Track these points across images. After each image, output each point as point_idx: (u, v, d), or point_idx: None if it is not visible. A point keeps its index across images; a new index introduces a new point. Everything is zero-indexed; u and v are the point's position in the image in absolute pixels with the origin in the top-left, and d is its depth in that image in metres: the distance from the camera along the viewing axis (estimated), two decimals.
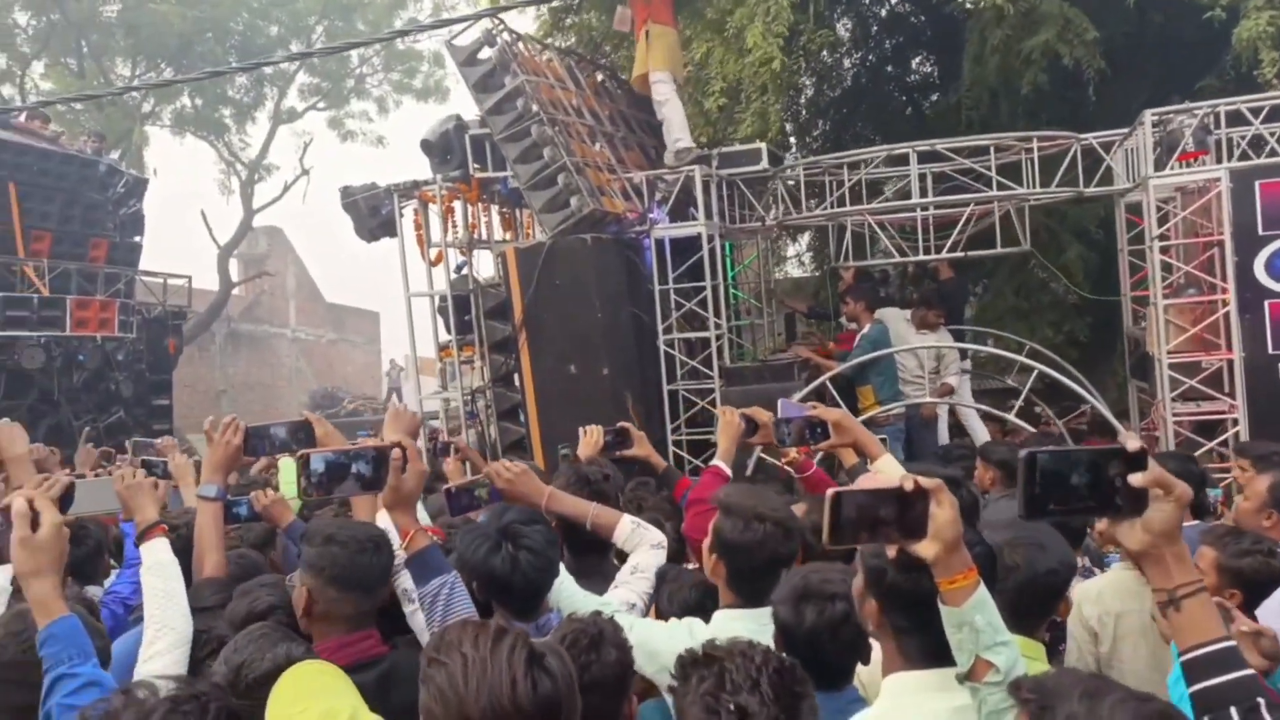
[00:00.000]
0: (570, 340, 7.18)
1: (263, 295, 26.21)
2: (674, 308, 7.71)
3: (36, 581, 2.05)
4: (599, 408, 7.01)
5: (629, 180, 7.96)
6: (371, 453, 2.47)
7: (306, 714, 1.77)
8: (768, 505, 2.56)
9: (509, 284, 7.22)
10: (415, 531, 2.43)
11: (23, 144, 12.58)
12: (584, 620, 2.17)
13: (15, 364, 11.64)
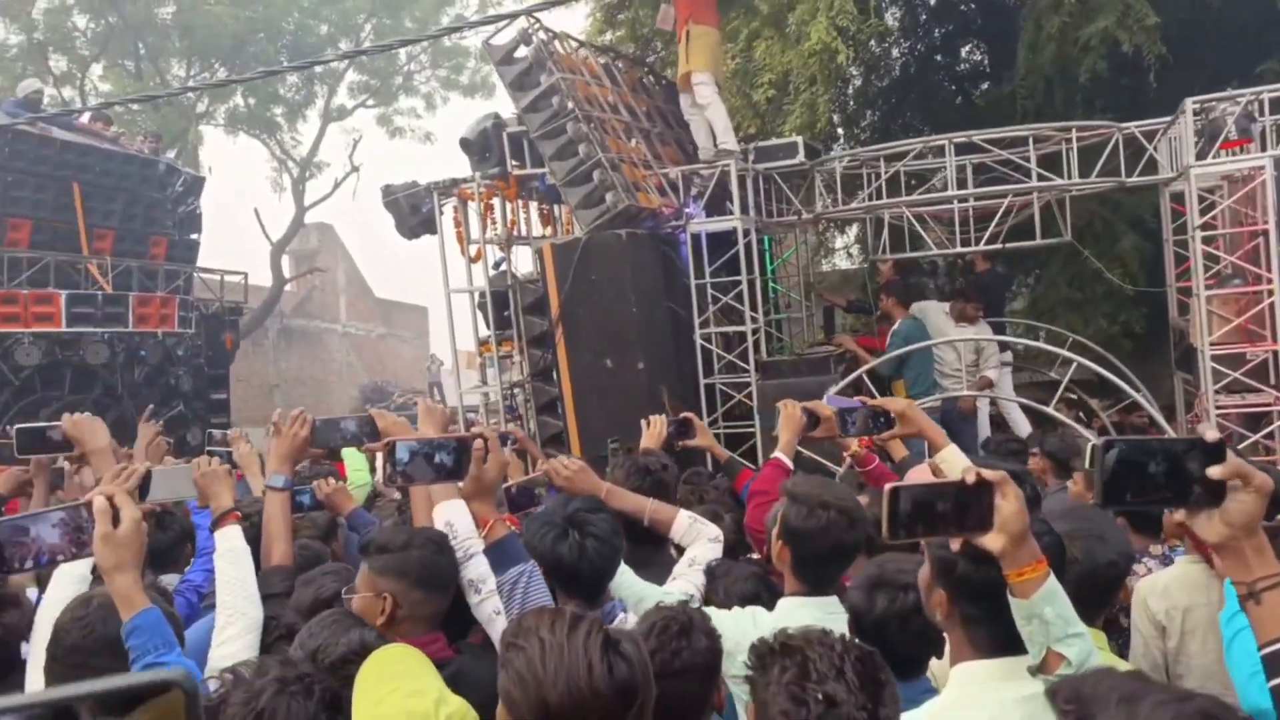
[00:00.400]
0: (606, 335, 7.26)
1: (314, 291, 26.70)
2: (710, 302, 7.75)
3: (119, 575, 2.12)
4: (635, 402, 7.10)
5: (665, 175, 8.02)
6: (453, 443, 2.53)
7: (395, 693, 1.82)
8: (833, 494, 2.59)
9: (546, 279, 7.32)
10: (494, 521, 2.48)
11: (86, 145, 12.91)
12: (672, 608, 2.19)
13: (81, 359, 11.99)
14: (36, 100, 13.21)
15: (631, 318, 7.24)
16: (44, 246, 12.25)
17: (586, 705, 1.48)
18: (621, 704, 1.51)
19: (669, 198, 7.91)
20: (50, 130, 12.31)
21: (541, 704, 1.48)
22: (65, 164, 12.44)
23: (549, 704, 1.48)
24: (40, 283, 11.92)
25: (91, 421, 3.19)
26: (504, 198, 7.83)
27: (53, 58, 20.25)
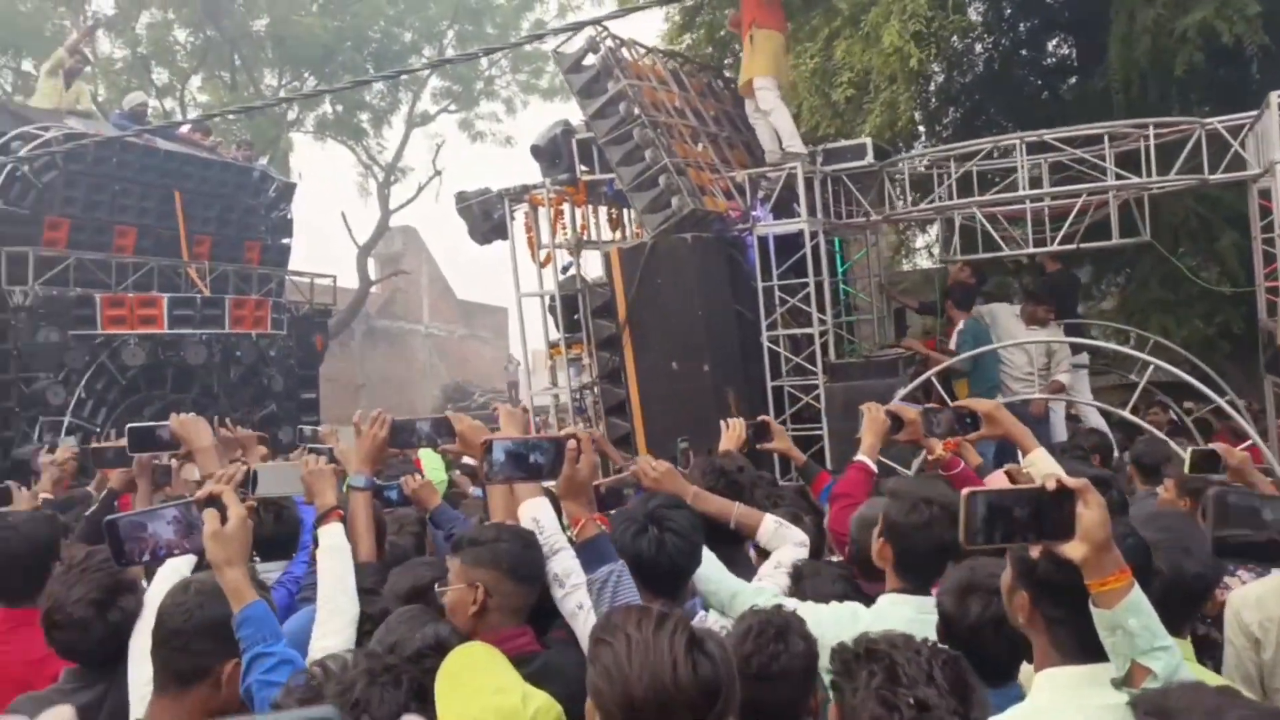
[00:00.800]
0: (672, 337, 7.35)
1: (398, 293, 27.37)
2: (778, 304, 7.78)
3: (229, 570, 2.20)
4: (701, 404, 7.20)
5: (732, 179, 8.07)
6: (547, 443, 2.57)
7: (481, 692, 1.88)
8: (936, 491, 2.61)
9: (613, 283, 7.45)
10: (586, 520, 2.49)
11: (186, 154, 13.45)
12: (768, 611, 2.21)
13: (181, 360, 12.50)
14: (141, 112, 13.89)
15: (697, 320, 7.32)
16: (148, 252, 12.81)
17: (671, 701, 1.51)
18: (705, 702, 1.53)
19: (736, 201, 7.96)
20: (154, 141, 12.87)
21: (627, 699, 1.52)
22: (168, 173, 12.96)
23: (634, 699, 1.51)
24: (144, 286, 12.47)
25: (196, 421, 3.34)
26: (573, 203, 7.99)
27: (155, 71, 21.24)
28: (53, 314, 11.01)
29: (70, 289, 11.39)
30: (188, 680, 2.16)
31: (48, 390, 11.06)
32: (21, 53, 20.25)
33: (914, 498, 2.56)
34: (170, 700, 2.15)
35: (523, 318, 8.11)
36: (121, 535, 2.28)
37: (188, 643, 2.14)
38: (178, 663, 2.17)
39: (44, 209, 11.41)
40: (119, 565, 2.39)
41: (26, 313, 10.84)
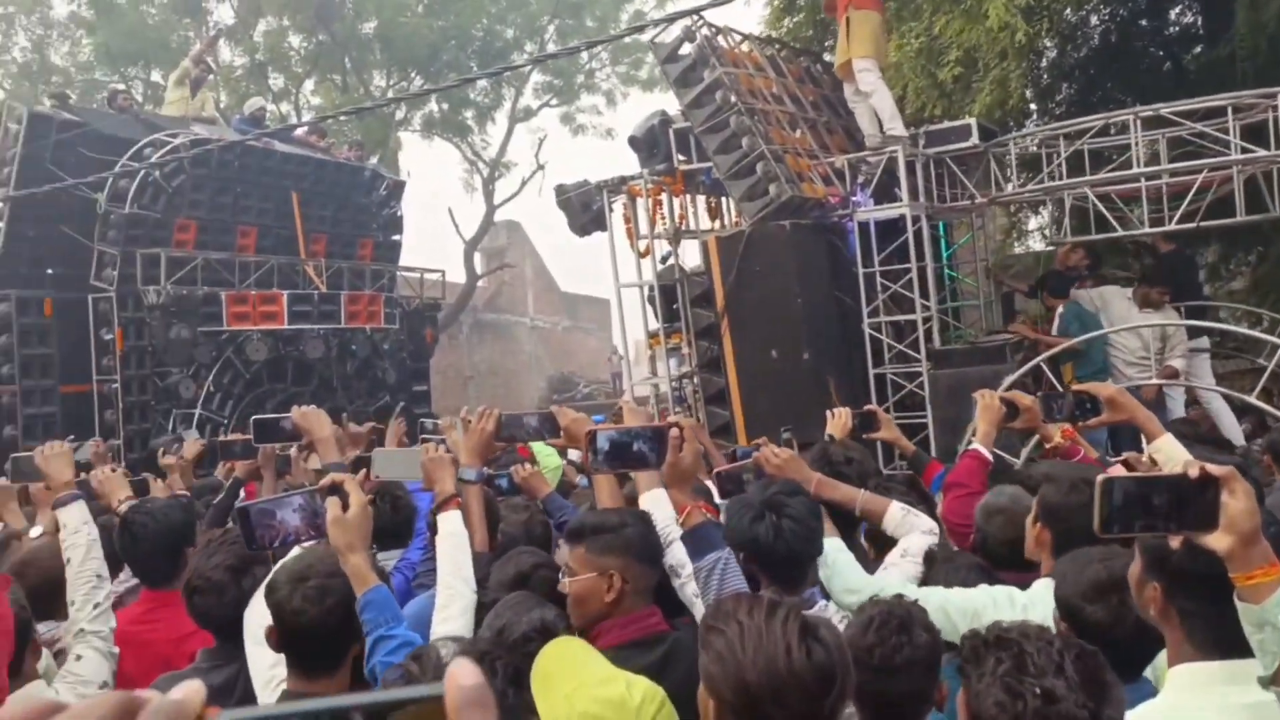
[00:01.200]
0: (771, 325, 7.34)
1: (504, 286, 27.89)
2: (880, 290, 7.68)
3: (352, 555, 2.26)
4: (801, 392, 7.18)
5: (831, 165, 7.99)
6: (650, 431, 2.60)
7: (584, 685, 1.87)
8: (1091, 472, 2.49)
9: (711, 272, 7.48)
10: (691, 508, 2.50)
11: (303, 156, 13.98)
12: (889, 602, 2.16)
13: (301, 354, 13.04)
14: (260, 117, 14.52)
15: (796, 308, 7.28)
16: (268, 251, 13.39)
17: (786, 687, 1.50)
18: (821, 688, 1.52)
19: (835, 187, 7.88)
20: (272, 144, 13.43)
21: (741, 684, 1.52)
22: (285, 174, 13.49)
23: (749, 684, 1.51)
24: (266, 284, 13.03)
25: (317, 413, 3.44)
26: (671, 193, 8.04)
27: (271, 77, 22.16)
28: (183, 312, 11.61)
29: (198, 288, 11.98)
30: (328, 669, 2.24)
31: (180, 384, 11.69)
32: (150, 64, 21.40)
33: (1071, 478, 2.50)
34: (308, 685, 2.24)
35: (621, 308, 8.23)
36: (253, 522, 2.40)
37: (327, 628, 2.21)
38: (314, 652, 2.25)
39: (173, 212, 12.04)
40: (251, 550, 2.51)
41: (160, 311, 11.46)
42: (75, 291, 11.46)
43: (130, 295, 11.48)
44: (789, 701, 1.51)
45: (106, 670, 2.69)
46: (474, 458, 3.10)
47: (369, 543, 2.37)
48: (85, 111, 13.07)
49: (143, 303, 11.53)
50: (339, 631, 2.23)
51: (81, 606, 2.76)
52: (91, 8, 20.72)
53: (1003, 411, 3.48)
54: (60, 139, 11.46)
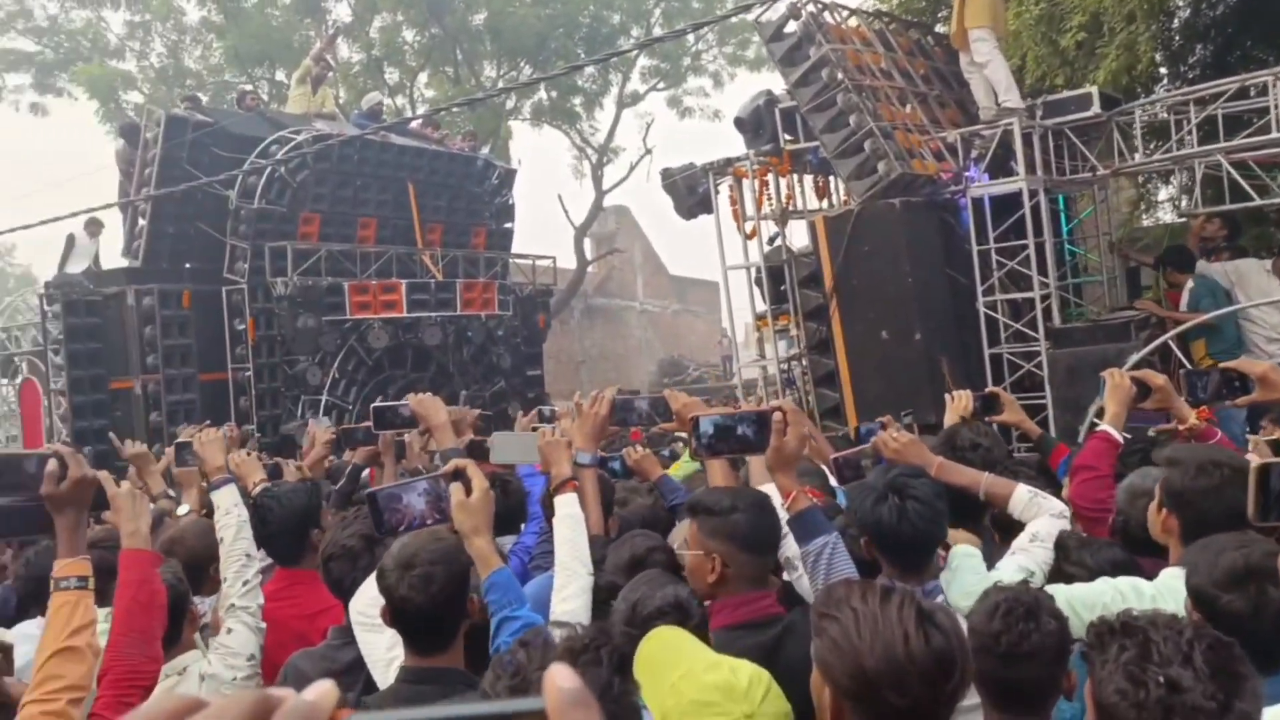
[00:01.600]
0: (881, 306, 7.21)
1: (613, 271, 28.11)
2: (995, 268, 7.46)
3: (476, 538, 2.34)
4: (912, 373, 7.05)
5: (943, 140, 7.78)
6: (754, 415, 2.58)
7: (690, 673, 1.89)
8: (1220, 454, 2.46)
9: (819, 252, 7.39)
10: (797, 492, 2.47)
11: (418, 148, 14.39)
12: (1014, 588, 2.11)
13: (419, 341, 13.48)
14: (378, 111, 15.02)
15: (907, 288, 7.14)
16: (387, 241, 13.86)
17: (905, 674, 1.48)
18: (941, 675, 1.50)
19: (948, 162, 7.67)
20: (389, 137, 13.88)
21: (858, 671, 1.50)
22: (402, 166, 13.92)
23: (866, 671, 1.49)
24: (385, 273, 13.51)
25: (433, 400, 3.59)
26: (778, 173, 7.97)
27: (387, 71, 22.82)
28: (309, 302, 12.14)
29: (323, 278, 12.50)
30: (440, 646, 2.32)
31: (307, 372, 12.24)
32: (275, 65, 22.34)
33: (1199, 461, 2.40)
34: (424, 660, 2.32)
35: (728, 291, 8.19)
36: (380, 506, 2.49)
37: (434, 612, 2.28)
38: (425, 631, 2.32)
39: (298, 206, 12.58)
40: (380, 534, 2.59)
41: (288, 301, 12.01)
42: (211, 284, 12.11)
43: (260, 287, 12.08)
44: (909, 688, 1.49)
45: (254, 644, 2.79)
46: (588, 441, 3.12)
47: (492, 526, 2.43)
48: (216, 112, 13.75)
49: (272, 294, 12.11)
50: (446, 614, 2.29)
51: (233, 583, 2.89)
52: (221, 12, 21.74)
53: (1133, 391, 3.32)
54: (195, 139, 12.10)
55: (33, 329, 12.59)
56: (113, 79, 21.76)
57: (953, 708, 1.54)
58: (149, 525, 2.51)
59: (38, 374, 12.27)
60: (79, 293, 11.68)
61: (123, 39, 23.03)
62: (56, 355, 11.45)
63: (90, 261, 12.44)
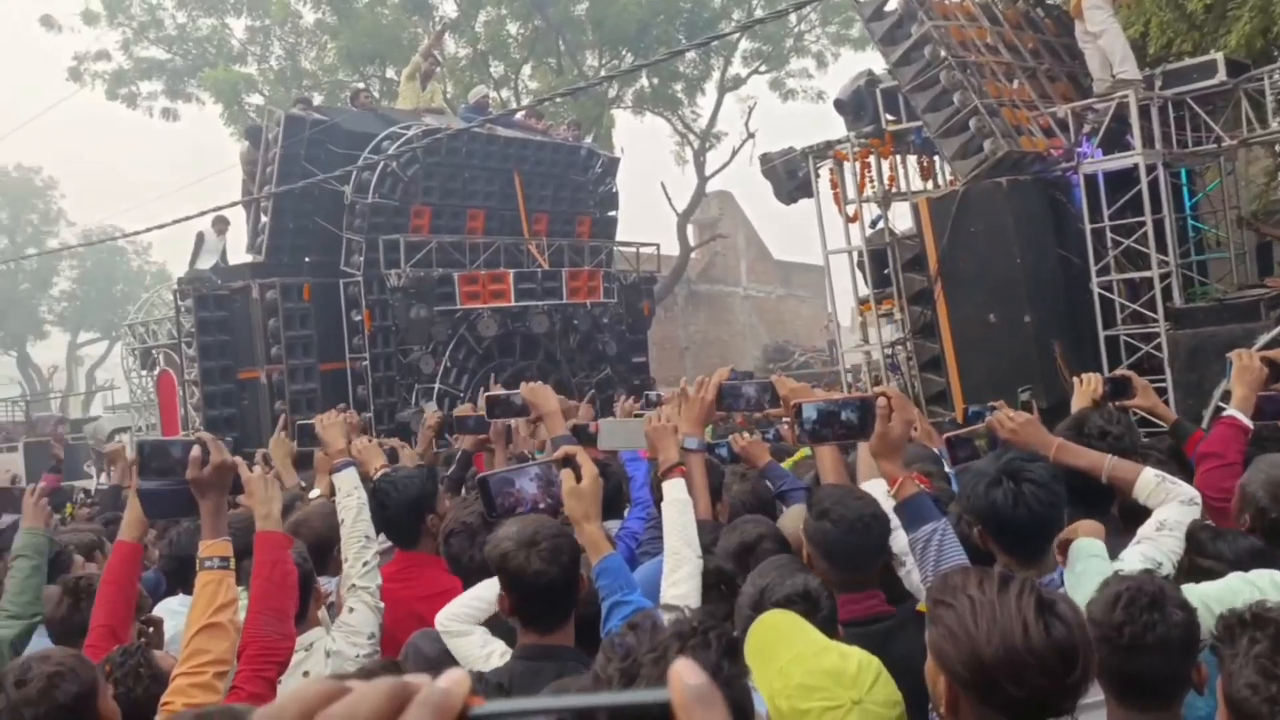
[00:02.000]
0: (988, 288, 7.05)
1: (717, 256, 28.05)
2: (1110, 246, 7.20)
3: (587, 524, 2.36)
4: (1022, 357, 6.88)
5: (1053, 115, 7.53)
6: (857, 402, 2.55)
7: (800, 657, 1.88)
8: None
9: (923, 235, 7.27)
10: (903, 478, 2.42)
11: (523, 139, 14.63)
12: (1136, 578, 2.01)
13: (527, 329, 13.75)
14: (484, 104, 15.31)
15: (1016, 269, 6.96)
16: (494, 232, 14.16)
17: (1024, 665, 1.44)
18: (1062, 667, 1.45)
19: (1059, 138, 7.42)
20: (495, 129, 14.15)
21: (975, 660, 1.46)
22: (508, 157, 14.16)
23: (983, 660, 1.45)
24: (493, 264, 13.79)
25: (544, 388, 3.65)
26: (879, 155, 7.85)
27: (492, 65, 23.26)
28: (421, 293, 12.53)
29: (434, 269, 12.87)
30: (561, 622, 2.39)
31: (420, 361, 12.65)
32: (385, 62, 23.03)
33: None
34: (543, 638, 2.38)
35: (830, 275, 8.13)
36: (492, 490, 2.57)
37: (565, 583, 2.35)
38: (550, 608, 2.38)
39: (410, 199, 12.97)
40: (491, 517, 2.66)
41: (401, 293, 12.43)
42: (329, 277, 12.61)
43: (375, 279, 12.52)
44: (1028, 680, 1.44)
45: (374, 623, 2.87)
46: (695, 426, 3.12)
47: (600, 512, 2.47)
48: (331, 110, 14.27)
49: (386, 285, 12.54)
50: (570, 586, 2.34)
51: (353, 564, 2.98)
52: (334, 13, 22.52)
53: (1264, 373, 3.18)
54: (312, 137, 12.60)
55: (168, 323, 13.33)
56: (236, 82, 22.82)
57: (1075, 700, 1.50)
58: (280, 509, 2.64)
59: (173, 365, 13.02)
60: (208, 288, 12.33)
61: (244, 43, 24.12)
62: (189, 348, 12.12)
63: (218, 257, 13.11)
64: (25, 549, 3.36)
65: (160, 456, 2.46)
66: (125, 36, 23.73)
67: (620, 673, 1.35)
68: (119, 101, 24.45)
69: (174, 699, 2.14)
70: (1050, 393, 6.51)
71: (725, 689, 1.35)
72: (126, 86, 24.21)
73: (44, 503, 3.56)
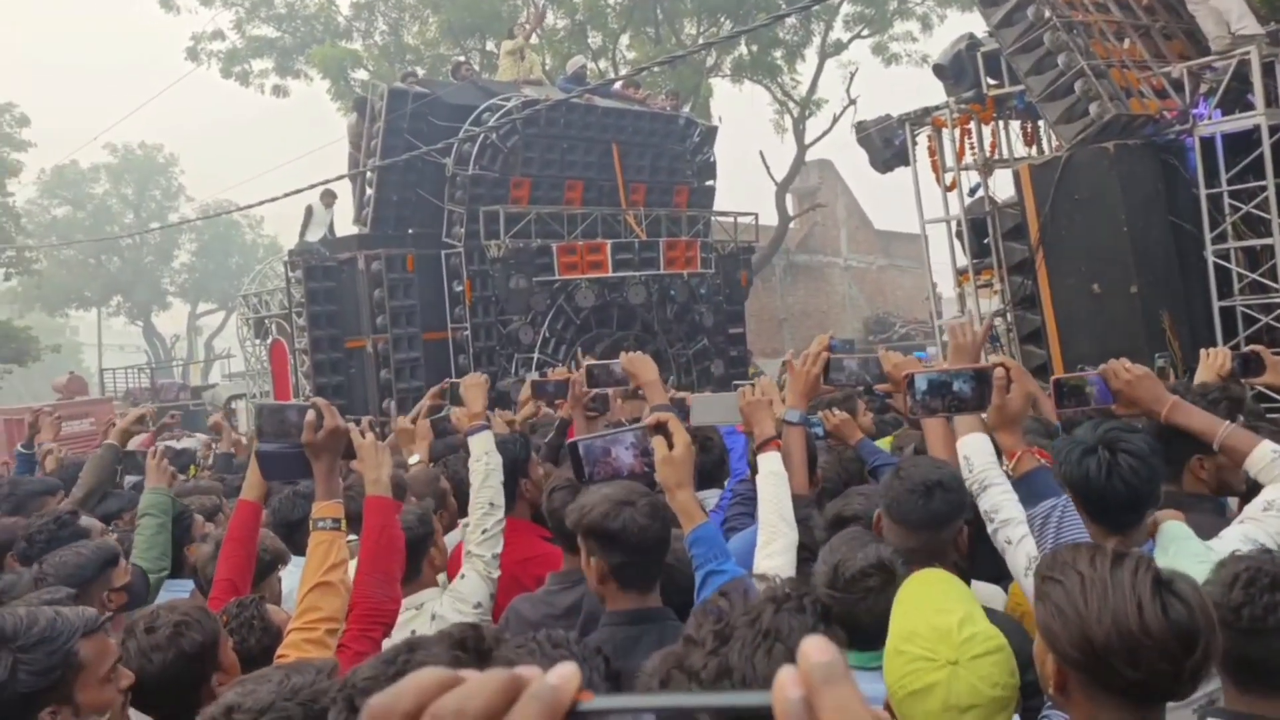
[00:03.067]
0: (1093, 257, 6.83)
1: (816, 226, 27.62)
2: (1227, 213, 6.87)
3: (680, 492, 2.34)
4: (1128, 329, 6.66)
5: (1166, 75, 7.19)
6: (972, 373, 2.47)
7: (924, 609, 1.86)
8: None
9: (1025, 203, 7.06)
10: (1023, 453, 2.35)
11: (621, 109, 14.66)
12: (1256, 557, 1.90)
13: (624, 300, 13.90)
14: (582, 75, 15.39)
15: (1123, 237, 6.71)
16: (592, 202, 14.28)
17: (1138, 646, 1.38)
18: (1181, 648, 1.38)
19: (1172, 99, 7.10)
20: (593, 99, 14.22)
21: (1085, 640, 1.42)
22: (606, 128, 14.22)
23: (1094, 641, 1.40)
24: (591, 234, 13.93)
25: (643, 358, 3.69)
26: (980, 121, 7.64)
27: (590, 35, 23.30)
28: (520, 263, 12.77)
29: (532, 240, 13.09)
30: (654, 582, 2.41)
31: (520, 331, 12.92)
32: (485, 35, 23.33)
33: None
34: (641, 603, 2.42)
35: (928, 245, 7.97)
36: (583, 456, 2.56)
37: (665, 539, 2.37)
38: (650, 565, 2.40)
39: (509, 170, 13.19)
40: (581, 483, 2.64)
41: (501, 264, 12.68)
42: (431, 248, 12.94)
43: (476, 249, 12.80)
44: (1144, 662, 1.38)
45: (484, 592, 2.85)
46: (799, 401, 3.07)
47: (693, 480, 2.47)
48: (432, 83, 14.55)
49: (486, 256, 12.80)
50: (665, 546, 2.35)
51: (473, 530, 2.97)
52: None
53: None
54: (414, 110, 12.90)
55: (280, 294, 13.91)
56: (342, 58, 23.46)
57: (1195, 685, 1.43)
58: (389, 474, 2.70)
59: (285, 335, 13.59)
60: (317, 259, 12.81)
61: (350, 20, 24.74)
62: (299, 317, 12.63)
63: (326, 230, 13.59)
64: (151, 507, 3.56)
65: (276, 420, 2.55)
66: (238, 16, 24.62)
67: (714, 634, 1.34)
68: (233, 79, 25.43)
69: (288, 652, 2.25)
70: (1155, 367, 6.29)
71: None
72: (239, 65, 25.15)
73: (165, 463, 3.76)
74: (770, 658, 1.29)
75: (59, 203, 44.60)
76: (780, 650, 1.29)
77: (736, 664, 1.27)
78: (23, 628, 1.89)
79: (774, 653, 1.29)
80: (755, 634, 1.32)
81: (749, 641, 1.30)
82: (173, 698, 2.13)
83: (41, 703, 1.87)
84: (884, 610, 2.09)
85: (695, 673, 1.27)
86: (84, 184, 44.62)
